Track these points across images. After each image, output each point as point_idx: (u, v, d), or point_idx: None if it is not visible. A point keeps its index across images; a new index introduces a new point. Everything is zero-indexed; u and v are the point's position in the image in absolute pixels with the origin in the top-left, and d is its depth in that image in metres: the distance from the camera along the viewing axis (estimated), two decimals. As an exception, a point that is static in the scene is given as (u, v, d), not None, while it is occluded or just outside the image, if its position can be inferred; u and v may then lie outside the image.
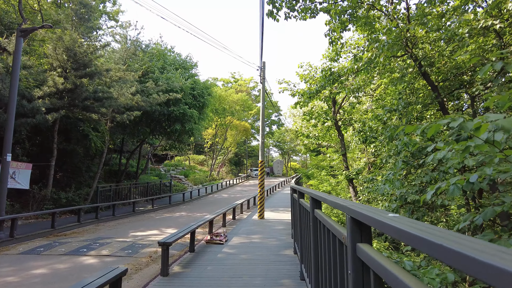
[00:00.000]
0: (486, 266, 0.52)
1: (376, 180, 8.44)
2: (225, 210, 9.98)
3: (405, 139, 3.70)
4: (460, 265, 0.60)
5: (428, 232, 0.77)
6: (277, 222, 10.75)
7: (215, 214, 8.64)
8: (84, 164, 17.25)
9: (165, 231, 10.10)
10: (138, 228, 10.80)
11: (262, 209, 11.61)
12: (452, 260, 0.62)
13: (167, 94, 15.85)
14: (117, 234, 9.63)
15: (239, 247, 7.02)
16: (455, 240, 0.67)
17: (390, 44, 4.35)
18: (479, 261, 0.54)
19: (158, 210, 16.25)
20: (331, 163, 14.76)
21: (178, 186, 26.01)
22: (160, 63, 18.38)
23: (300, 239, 4.53)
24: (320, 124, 13.52)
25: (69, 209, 11.57)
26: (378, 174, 8.58)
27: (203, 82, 20.18)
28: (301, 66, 13.08)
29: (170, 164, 38.62)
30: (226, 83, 49.43)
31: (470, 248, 0.59)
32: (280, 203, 17.29)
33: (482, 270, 0.53)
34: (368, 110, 12.15)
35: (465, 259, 0.58)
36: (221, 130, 35.61)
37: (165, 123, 18.05)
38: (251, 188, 29.21)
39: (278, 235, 8.41)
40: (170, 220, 12.74)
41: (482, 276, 0.54)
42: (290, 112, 30.88)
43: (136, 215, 14.45)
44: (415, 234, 0.79)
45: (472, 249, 0.59)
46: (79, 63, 12.53)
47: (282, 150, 62.37)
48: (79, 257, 6.59)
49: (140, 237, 8.88)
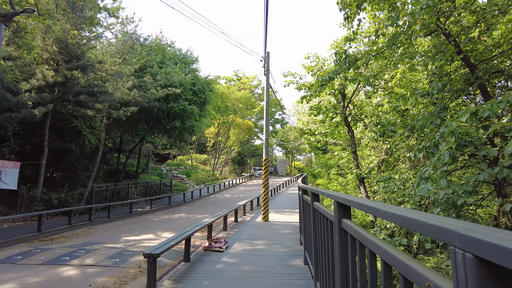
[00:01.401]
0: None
1: (394, 179, 7.57)
2: (226, 212, 9.14)
3: (453, 125, 2.84)
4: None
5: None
6: (283, 225, 9.89)
7: (214, 217, 7.80)
8: (81, 163, 16.50)
9: (160, 235, 9.28)
10: (132, 231, 9.99)
11: (266, 211, 10.76)
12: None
13: (166, 89, 15.05)
14: (109, 238, 8.82)
15: (241, 256, 6.17)
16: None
17: (424, 11, 3.49)
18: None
19: (157, 211, 15.46)
20: (339, 161, 13.87)
21: (180, 186, 25.22)
22: (159, 58, 17.57)
23: (316, 253, 3.67)
24: (328, 120, 12.63)
25: (58, 210, 10.79)
26: (395, 172, 7.69)
27: (204, 78, 19.35)
28: (308, 57, 12.23)
29: (172, 164, 37.90)
30: (228, 81, 48.57)
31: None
32: (285, 204, 16.42)
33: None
34: (384, 102, 11.25)
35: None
36: (223, 129, 34.79)
37: (165, 120, 17.25)
38: (254, 188, 28.36)
39: (284, 241, 7.56)
40: (168, 222, 11.92)
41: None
42: (295, 108, 29.93)
43: (133, 217, 13.66)
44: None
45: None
46: (71, 55, 11.75)
47: (286, 149, 61.46)
48: (58, 267, 5.77)
49: (132, 243, 8.06)
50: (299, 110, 29.67)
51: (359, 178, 11.48)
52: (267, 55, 11.02)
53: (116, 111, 13.85)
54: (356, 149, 12.06)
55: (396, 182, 7.37)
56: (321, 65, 11.98)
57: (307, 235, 5.02)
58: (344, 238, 2.12)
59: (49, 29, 10.53)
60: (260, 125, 53.61)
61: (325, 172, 16.85)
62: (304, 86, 12.38)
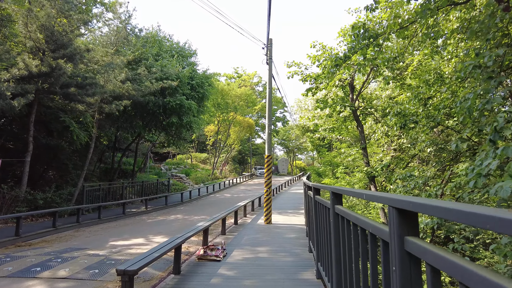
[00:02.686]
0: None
1: (414, 177, 6.65)
2: (225, 214, 8.23)
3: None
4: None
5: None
6: (287, 229, 8.98)
7: (211, 221, 6.89)
8: (72, 161, 15.63)
9: (152, 239, 8.37)
10: (121, 235, 9.09)
11: (269, 212, 9.85)
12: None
13: (161, 82, 14.13)
14: (94, 243, 7.92)
15: (241, 267, 5.26)
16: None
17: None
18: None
19: (152, 212, 14.56)
20: (346, 159, 12.95)
21: (178, 185, 24.32)
22: (155, 50, 16.66)
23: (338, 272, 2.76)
24: (335, 114, 11.70)
25: (39, 212, 9.99)
26: (414, 169, 6.77)
27: (203, 72, 18.43)
28: (313, 45, 11.31)
29: (172, 163, 37.07)
30: (229, 78, 47.57)
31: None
32: (288, 204, 15.50)
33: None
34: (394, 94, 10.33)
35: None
36: (223, 126, 33.87)
37: (161, 115, 16.34)
38: (255, 187, 27.45)
39: (291, 247, 6.64)
40: (163, 224, 11.02)
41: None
42: (297, 105, 28.98)
43: (126, 218, 12.77)
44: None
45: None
46: (57, 44, 10.85)
47: (287, 148, 60.49)
48: (24, 281, 4.87)
49: (119, 249, 7.15)
50: (302, 106, 28.72)
51: (369, 176, 10.55)
52: (269, 42, 10.10)
53: (108, 105, 12.97)
54: (366, 145, 11.13)
55: (417, 180, 6.46)
56: (328, 54, 11.06)
57: (321, 243, 4.11)
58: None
59: (30, 13, 9.63)
60: (261, 123, 52.68)
61: (330, 170, 15.91)
62: (309, 77, 11.47)
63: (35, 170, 14.35)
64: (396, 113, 6.00)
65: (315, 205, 4.63)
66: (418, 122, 6.05)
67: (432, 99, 6.33)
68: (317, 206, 4.27)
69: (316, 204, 4.53)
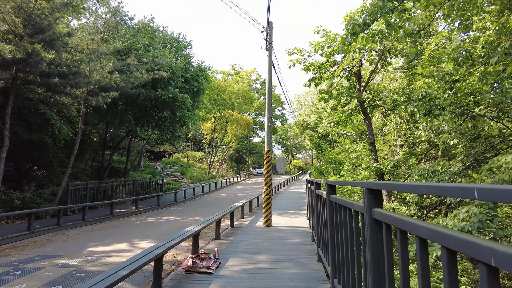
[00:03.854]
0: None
1: (438, 173, 5.72)
2: (220, 216, 7.26)
3: None
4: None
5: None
6: (290, 232, 8.02)
7: (203, 224, 5.92)
8: (57, 159, 14.60)
9: (137, 244, 7.40)
10: (104, 239, 8.11)
11: (269, 213, 8.90)
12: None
13: (152, 72, 13.14)
14: (69, 249, 6.95)
15: (237, 281, 4.31)
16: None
17: None
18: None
19: (143, 212, 13.58)
20: (351, 155, 12.03)
21: (173, 184, 23.30)
22: (146, 40, 15.66)
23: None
24: (341, 107, 10.76)
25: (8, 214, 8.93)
26: (439, 163, 5.84)
27: (198, 65, 17.44)
28: (317, 31, 10.37)
29: (168, 162, 36.08)
30: (226, 75, 46.46)
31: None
32: (288, 204, 14.55)
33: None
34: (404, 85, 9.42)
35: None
36: (220, 124, 32.85)
37: (153, 110, 15.36)
38: (253, 186, 26.50)
39: (295, 255, 5.69)
40: (152, 226, 10.05)
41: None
42: (297, 101, 27.97)
43: (113, 219, 11.79)
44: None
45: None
46: (35, 28, 9.84)
47: (285, 147, 59.61)
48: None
49: (96, 257, 6.18)
50: (302, 102, 27.74)
51: (378, 173, 9.62)
52: (269, 25, 9.14)
53: (94, 98, 11.99)
54: (374, 140, 10.21)
55: (443, 177, 5.54)
56: (333, 40, 10.14)
57: (340, 255, 3.17)
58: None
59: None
60: (259, 121, 51.70)
61: (333, 168, 14.98)
62: (312, 65, 10.53)
63: (17, 168, 13.35)
64: (421, 96, 5.07)
65: (327, 209, 3.68)
66: (445, 108, 5.13)
67: (460, 82, 5.41)
68: (337, 211, 3.31)
69: (330, 204, 3.58)
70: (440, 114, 5.27)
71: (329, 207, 3.61)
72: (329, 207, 3.65)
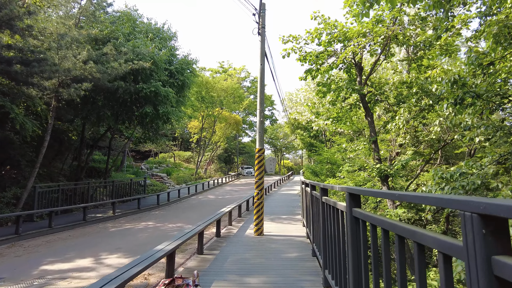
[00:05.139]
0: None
1: (466, 175, 4.75)
2: (204, 225, 6.13)
3: None
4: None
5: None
6: (285, 243, 6.94)
7: (180, 239, 4.78)
8: (25, 157, 13.19)
9: (103, 260, 6.20)
10: (66, 252, 6.88)
11: (260, 221, 7.81)
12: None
13: (131, 62, 11.89)
14: (19, 268, 5.71)
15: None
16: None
17: None
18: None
19: (121, 217, 12.31)
20: (350, 154, 11.07)
21: (157, 185, 21.98)
22: (127, 29, 14.37)
23: None
24: (340, 101, 9.76)
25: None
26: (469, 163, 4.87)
27: (184, 57, 16.22)
28: (314, 17, 9.37)
29: (154, 161, 34.65)
30: (214, 72, 45.17)
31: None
32: (281, 208, 13.48)
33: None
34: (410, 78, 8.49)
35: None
36: (208, 122, 31.58)
37: (134, 105, 14.08)
38: (242, 187, 25.38)
39: (295, 277, 4.61)
40: (128, 235, 8.83)
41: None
42: (288, 98, 26.97)
43: (87, 226, 10.53)
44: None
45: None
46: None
47: (275, 147, 58.72)
48: None
49: (46, 280, 4.97)
50: (293, 99, 26.72)
51: (381, 175, 8.65)
52: (262, 7, 8.06)
53: (66, 89, 10.71)
54: (377, 138, 9.25)
55: (473, 180, 4.56)
56: (332, 27, 9.16)
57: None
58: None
59: None
60: (248, 121, 50.61)
61: (328, 169, 14.00)
62: (309, 55, 9.50)
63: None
64: (452, 81, 4.08)
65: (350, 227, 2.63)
66: (480, 96, 4.16)
67: (496, 65, 4.45)
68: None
69: (350, 223, 2.54)
70: (473, 104, 4.29)
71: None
72: (345, 225, 2.61)
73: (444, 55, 7.82)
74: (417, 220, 14.66)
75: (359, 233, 2.57)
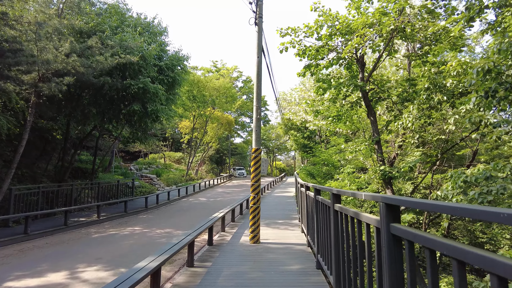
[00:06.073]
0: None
1: (495, 178, 4.20)
2: (195, 234, 5.46)
3: None
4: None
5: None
6: (284, 252, 6.30)
7: (166, 254, 4.11)
8: (2, 157, 12.32)
9: (79, 274, 5.47)
10: (38, 264, 6.12)
11: (256, 227, 7.16)
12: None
13: (118, 56, 11.14)
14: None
15: None
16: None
17: None
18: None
19: (105, 221, 11.52)
20: (348, 155, 10.54)
21: (146, 187, 21.14)
22: (114, 21, 13.59)
23: None
24: (341, 98, 9.20)
25: None
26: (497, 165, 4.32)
27: (174, 53, 15.49)
28: (314, 9, 8.80)
29: (143, 162, 33.69)
30: (206, 72, 44.36)
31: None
32: (277, 212, 12.86)
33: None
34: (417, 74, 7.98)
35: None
36: (200, 122, 30.78)
37: (121, 102, 13.29)
38: (235, 189, 24.70)
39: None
40: (111, 242, 8.08)
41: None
42: (282, 97, 26.40)
43: (67, 231, 9.72)
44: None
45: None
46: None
47: (267, 149, 58.21)
48: None
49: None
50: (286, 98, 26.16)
51: (385, 178, 8.09)
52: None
53: (46, 84, 9.91)
54: (380, 139, 8.69)
55: (505, 183, 4.00)
56: (334, 19, 8.60)
57: None
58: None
59: None
60: (241, 121, 49.93)
61: (326, 170, 13.46)
62: (309, 49, 8.92)
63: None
64: (486, 69, 3.55)
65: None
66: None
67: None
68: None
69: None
70: (506, 97, 3.75)
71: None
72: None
73: (454, 50, 7.31)
74: (414, 223, 14.23)
75: (399, 256, 1.97)
